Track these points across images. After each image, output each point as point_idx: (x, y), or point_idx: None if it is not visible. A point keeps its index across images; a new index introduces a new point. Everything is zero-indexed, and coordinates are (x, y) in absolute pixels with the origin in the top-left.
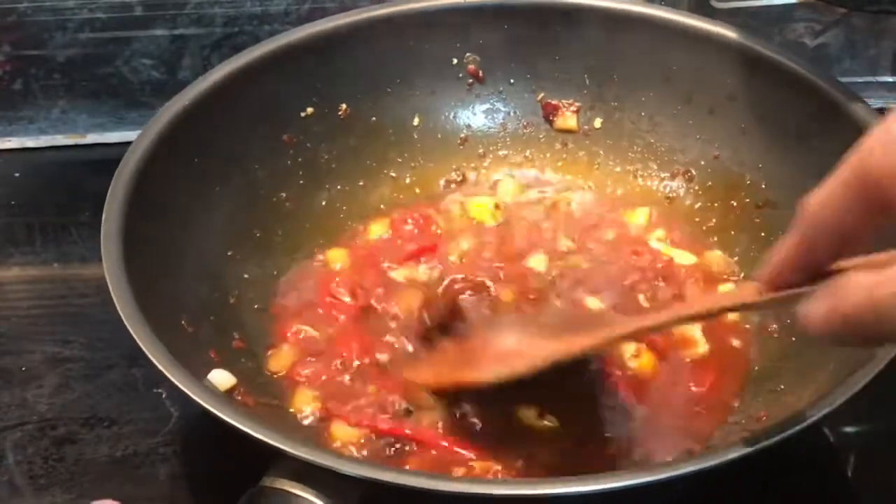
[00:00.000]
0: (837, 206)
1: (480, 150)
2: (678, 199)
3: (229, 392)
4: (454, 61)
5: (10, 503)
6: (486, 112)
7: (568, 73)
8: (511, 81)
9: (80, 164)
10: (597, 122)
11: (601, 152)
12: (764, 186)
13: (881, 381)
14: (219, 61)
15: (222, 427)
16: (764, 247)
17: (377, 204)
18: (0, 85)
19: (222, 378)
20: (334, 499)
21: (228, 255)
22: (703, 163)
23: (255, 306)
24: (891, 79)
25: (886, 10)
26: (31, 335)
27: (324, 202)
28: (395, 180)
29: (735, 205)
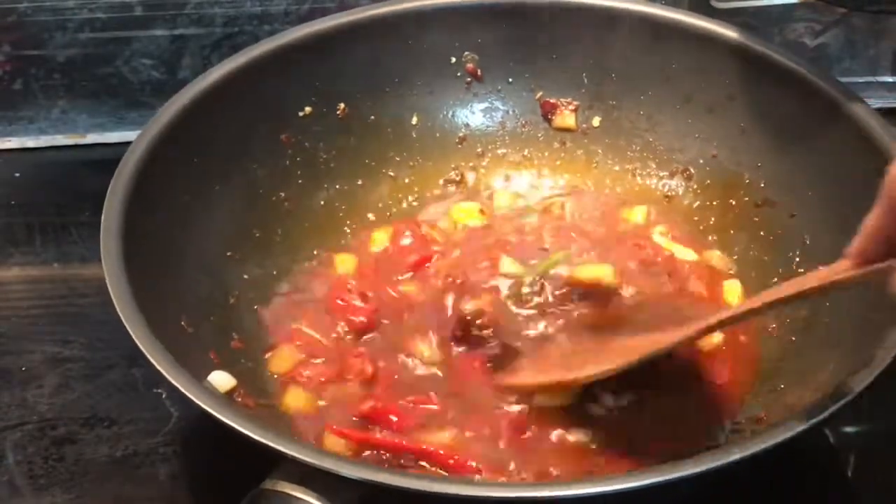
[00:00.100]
0: None
1: (479, 149)
2: (677, 198)
3: (229, 393)
4: (452, 60)
5: (10, 503)
6: (485, 111)
7: (566, 72)
8: (509, 80)
9: (80, 164)
10: (595, 120)
11: (599, 151)
12: (763, 185)
13: (881, 381)
14: (219, 61)
15: (224, 429)
16: (763, 245)
17: (376, 203)
18: (0, 85)
19: (222, 380)
20: (335, 501)
21: (228, 255)
22: (701, 162)
23: (255, 307)
24: (891, 79)
25: (886, 10)
26: (31, 335)
27: (322, 202)
28: (394, 180)
29: (734, 203)
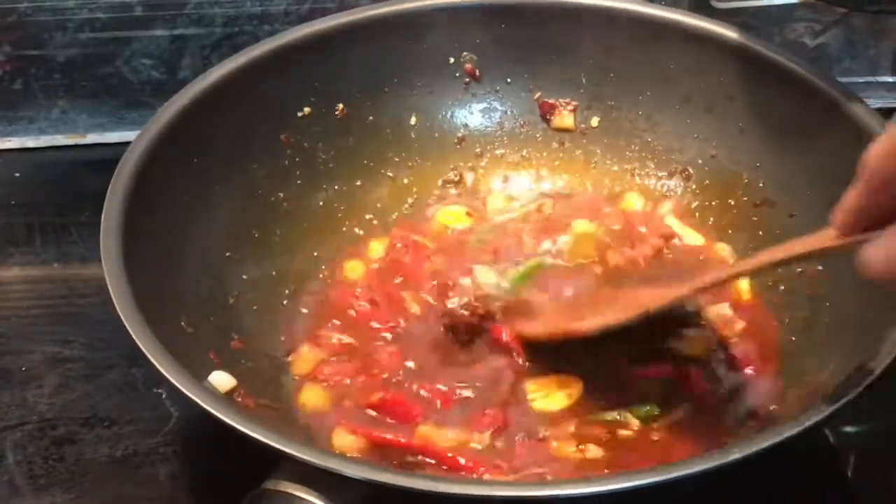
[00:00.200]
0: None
1: (478, 150)
2: (675, 198)
3: (229, 394)
4: (451, 61)
5: (10, 503)
6: (483, 111)
7: (565, 72)
8: (508, 80)
9: (80, 164)
10: (594, 120)
11: (598, 151)
12: (761, 185)
13: (881, 381)
14: (219, 61)
15: (226, 430)
16: (762, 245)
17: (375, 204)
18: (0, 85)
19: (223, 380)
20: (337, 501)
21: (227, 255)
22: (700, 161)
23: (254, 307)
24: (891, 79)
25: (886, 10)
26: (31, 335)
27: (321, 202)
28: (393, 180)
29: (732, 203)
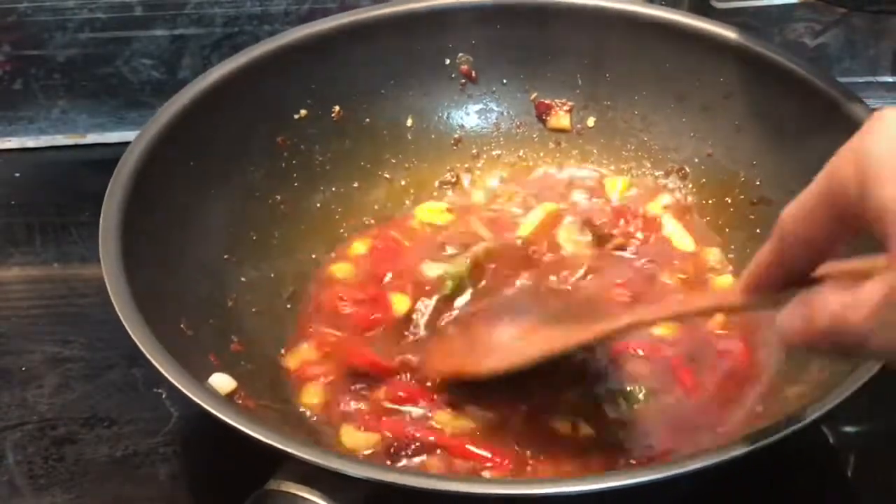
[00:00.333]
0: (809, 219)
1: (474, 151)
2: (672, 197)
3: (230, 396)
4: (447, 62)
5: (9, 503)
6: (480, 112)
7: (561, 73)
8: (504, 81)
9: (80, 164)
10: (590, 121)
11: (595, 151)
12: (758, 183)
13: (881, 380)
14: (219, 61)
15: (228, 430)
16: (759, 244)
17: (372, 206)
18: (0, 85)
19: (223, 382)
20: (340, 501)
21: (225, 258)
22: (696, 160)
23: (253, 309)
24: (891, 79)
25: (886, 10)
26: (31, 335)
27: (318, 204)
28: (390, 182)
29: (729, 202)
